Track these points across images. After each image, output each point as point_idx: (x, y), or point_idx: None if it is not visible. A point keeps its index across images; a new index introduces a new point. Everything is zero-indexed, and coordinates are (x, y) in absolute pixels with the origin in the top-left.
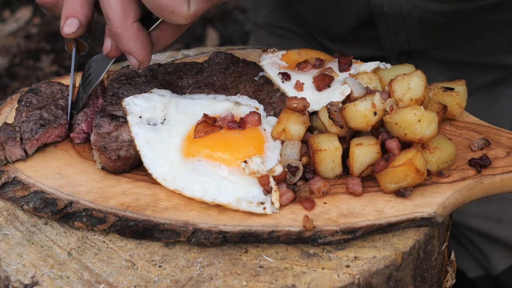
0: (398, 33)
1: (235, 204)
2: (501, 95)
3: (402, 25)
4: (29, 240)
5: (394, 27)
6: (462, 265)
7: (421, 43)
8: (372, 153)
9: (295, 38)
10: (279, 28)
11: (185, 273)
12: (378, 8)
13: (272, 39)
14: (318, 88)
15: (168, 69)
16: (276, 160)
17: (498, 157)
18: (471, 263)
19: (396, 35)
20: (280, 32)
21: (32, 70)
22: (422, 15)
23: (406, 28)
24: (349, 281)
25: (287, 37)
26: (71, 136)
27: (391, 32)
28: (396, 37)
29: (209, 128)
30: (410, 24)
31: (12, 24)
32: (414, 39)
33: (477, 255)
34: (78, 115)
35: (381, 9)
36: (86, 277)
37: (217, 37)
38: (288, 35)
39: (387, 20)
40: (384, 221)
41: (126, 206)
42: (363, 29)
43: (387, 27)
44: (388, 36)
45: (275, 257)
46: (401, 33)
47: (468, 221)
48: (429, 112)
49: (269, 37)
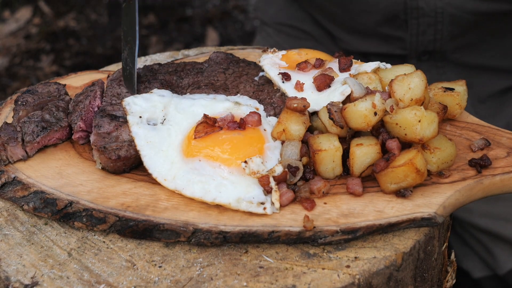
0: (427, 32)
1: (235, 204)
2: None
3: (433, 23)
4: (29, 240)
5: (424, 25)
6: (467, 266)
7: (446, 43)
8: (372, 153)
9: (302, 37)
10: (287, 26)
11: (185, 274)
12: (413, 3)
13: (279, 37)
14: (318, 88)
15: (168, 69)
16: (276, 160)
17: (498, 158)
18: (476, 263)
19: (424, 34)
20: (288, 30)
21: (32, 70)
22: (456, 13)
23: (436, 27)
24: (349, 282)
25: (295, 35)
26: (73, 138)
27: (420, 30)
28: (423, 35)
29: (209, 128)
30: (442, 22)
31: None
32: (441, 38)
33: (483, 255)
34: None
35: (416, 5)
36: (86, 277)
37: (217, 37)
38: (296, 34)
39: (420, 17)
40: (384, 221)
41: (126, 206)
42: (388, 26)
43: (418, 24)
44: (416, 34)
45: (275, 257)
46: (430, 31)
47: (476, 220)
48: (429, 113)
49: (277, 35)
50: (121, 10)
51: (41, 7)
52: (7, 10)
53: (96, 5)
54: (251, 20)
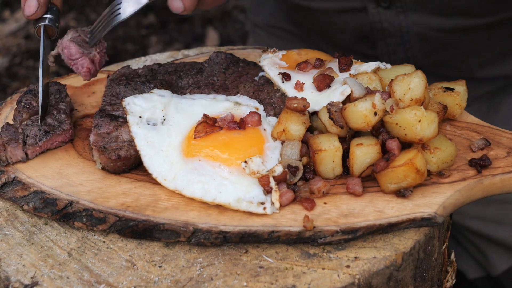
0: (397, 51)
1: (235, 204)
2: (502, 103)
3: (401, 42)
4: (29, 240)
5: (393, 45)
6: (462, 266)
7: (420, 60)
8: (372, 153)
9: (294, 39)
10: (279, 29)
11: (185, 274)
12: (377, 25)
13: (271, 40)
14: (318, 88)
15: (168, 69)
16: (276, 160)
17: (498, 158)
18: (471, 264)
19: (395, 53)
20: (279, 33)
21: (32, 70)
22: (422, 31)
23: (405, 46)
24: (349, 281)
25: (286, 38)
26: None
27: (390, 50)
28: (395, 54)
29: (209, 128)
30: (409, 41)
31: (12, 24)
32: (413, 56)
33: (477, 256)
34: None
35: (380, 26)
36: (86, 277)
37: (217, 37)
38: (287, 36)
39: (386, 38)
40: (384, 221)
41: (126, 206)
42: (361, 45)
43: (386, 45)
44: (387, 53)
45: (275, 257)
46: (400, 50)
47: (469, 223)
48: (429, 113)
49: (268, 37)
50: None
51: None
52: (7, 10)
53: (96, 5)
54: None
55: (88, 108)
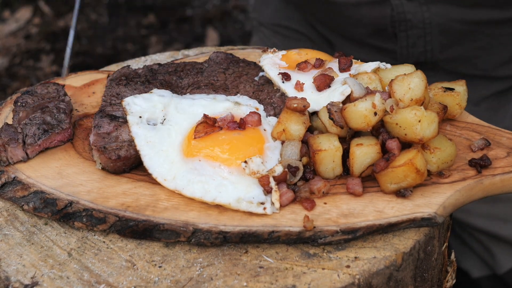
0: (416, 44)
1: (235, 204)
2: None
3: (422, 35)
4: (29, 240)
5: (414, 37)
6: (465, 265)
7: (437, 54)
8: (372, 153)
9: (299, 38)
10: (284, 28)
11: (185, 274)
12: (400, 16)
13: (276, 39)
14: (318, 88)
15: (168, 69)
16: (276, 160)
17: (498, 158)
18: (475, 263)
19: (414, 46)
20: (284, 31)
21: (32, 70)
22: (443, 22)
23: (426, 38)
24: (349, 282)
25: (291, 37)
26: None
27: (410, 42)
28: (414, 48)
29: (209, 128)
30: (430, 33)
31: (12, 24)
32: (431, 50)
33: (483, 254)
34: None
35: (403, 17)
36: (86, 278)
37: (217, 37)
38: (292, 35)
39: (408, 30)
40: (384, 222)
41: (126, 206)
42: (377, 38)
43: (407, 37)
44: (406, 47)
45: (275, 257)
46: (420, 43)
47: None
48: (429, 113)
49: (273, 36)
50: (121, 10)
51: (41, 7)
52: (7, 10)
53: (96, 5)
54: (251, 20)
55: (88, 108)
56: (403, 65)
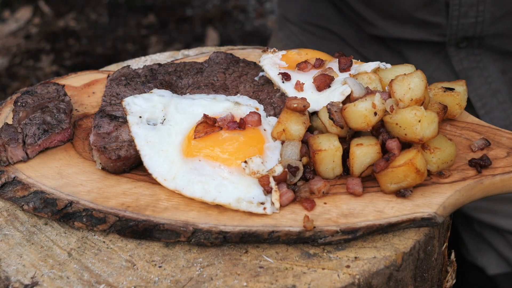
0: (468, 14)
1: (235, 204)
2: None
3: (475, 3)
4: (29, 240)
5: (466, 5)
6: (482, 262)
7: (487, 28)
8: (372, 153)
9: (329, 37)
10: (313, 26)
11: (185, 274)
12: None
13: (304, 37)
14: (318, 88)
15: (168, 69)
16: (276, 160)
17: (498, 158)
18: (493, 260)
19: (466, 16)
20: (313, 29)
21: (32, 70)
22: None
23: (479, 8)
24: (349, 282)
25: (320, 36)
26: None
27: (462, 12)
28: (465, 18)
29: (209, 128)
30: (484, 2)
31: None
32: (482, 21)
33: (505, 252)
34: None
35: None
36: (86, 278)
37: (217, 37)
38: (321, 34)
39: None
40: (384, 222)
41: (126, 206)
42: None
43: (460, 5)
44: (457, 17)
45: (275, 257)
46: (472, 13)
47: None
48: (429, 113)
49: (301, 34)
50: (121, 10)
51: (41, 7)
52: (7, 10)
53: (96, 5)
54: (251, 20)
55: (88, 108)
56: (403, 65)
